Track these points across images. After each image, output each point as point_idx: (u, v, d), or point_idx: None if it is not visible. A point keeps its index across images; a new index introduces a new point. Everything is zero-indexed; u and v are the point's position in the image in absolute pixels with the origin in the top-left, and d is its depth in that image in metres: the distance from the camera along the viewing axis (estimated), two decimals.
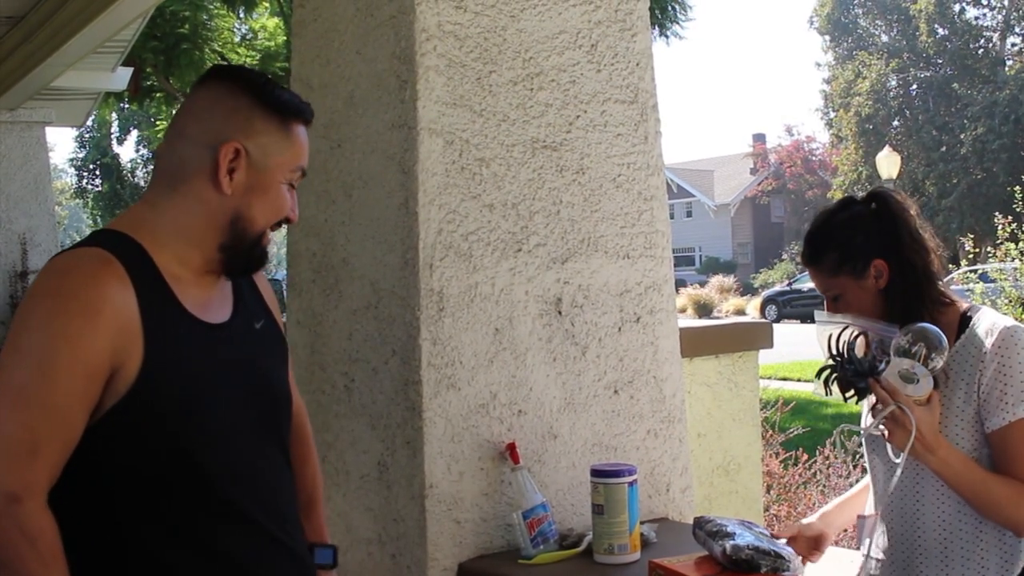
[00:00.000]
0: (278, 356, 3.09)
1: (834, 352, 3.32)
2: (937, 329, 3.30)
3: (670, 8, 20.27)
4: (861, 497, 3.94)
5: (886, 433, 3.29)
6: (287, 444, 3.07)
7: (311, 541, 3.21)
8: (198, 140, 2.78)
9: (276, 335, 3.11)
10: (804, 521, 3.85)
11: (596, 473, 3.80)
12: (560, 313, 4.21)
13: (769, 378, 19.50)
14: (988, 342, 3.32)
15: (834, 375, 3.33)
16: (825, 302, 3.59)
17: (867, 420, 3.57)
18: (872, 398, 3.34)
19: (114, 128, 46.43)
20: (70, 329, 2.52)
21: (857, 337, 3.37)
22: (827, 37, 71.20)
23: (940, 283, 3.56)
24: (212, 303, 2.86)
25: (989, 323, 3.38)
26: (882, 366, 3.26)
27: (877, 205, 3.56)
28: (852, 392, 3.31)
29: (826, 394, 3.45)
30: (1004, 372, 3.28)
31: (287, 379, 3.11)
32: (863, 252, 3.46)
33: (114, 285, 2.58)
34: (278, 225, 2.93)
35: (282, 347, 3.14)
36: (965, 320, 3.45)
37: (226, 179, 2.74)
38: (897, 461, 3.31)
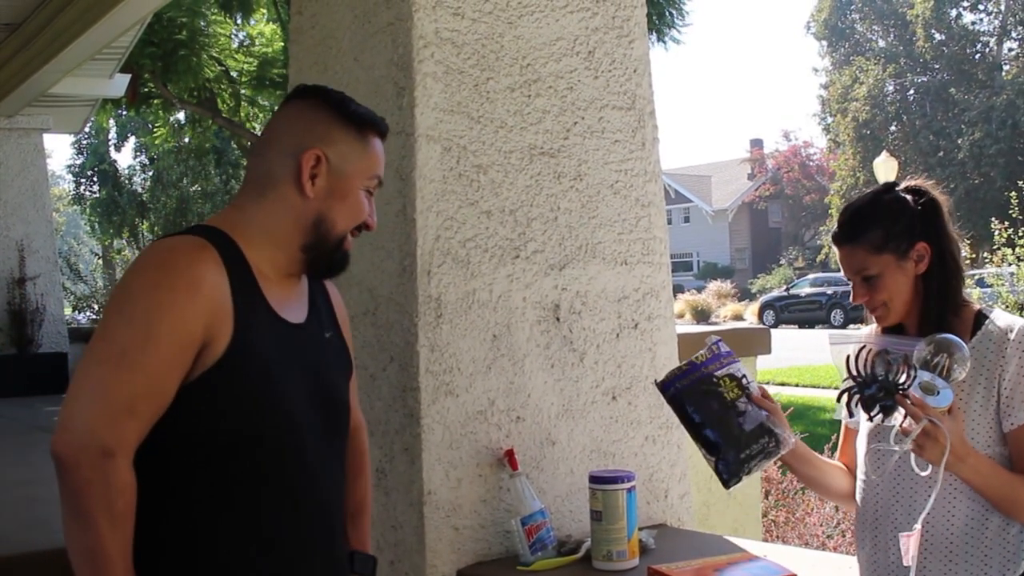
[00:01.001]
0: (341, 367, 3.20)
1: (854, 372, 3.28)
2: (959, 339, 3.28)
3: (667, 13, 20.25)
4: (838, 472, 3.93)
5: (915, 447, 3.27)
6: (343, 453, 3.17)
7: (354, 549, 3.28)
8: (283, 150, 2.97)
9: (343, 349, 3.23)
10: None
11: (594, 479, 3.81)
12: (558, 319, 4.22)
13: (767, 383, 19.50)
14: (1007, 340, 3.31)
15: (856, 396, 3.29)
16: (853, 285, 3.53)
17: (871, 432, 3.55)
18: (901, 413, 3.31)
19: (112, 135, 46.39)
20: (173, 299, 2.70)
21: (875, 355, 3.33)
22: (824, 42, 71.23)
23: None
24: (291, 305, 3.00)
25: (1006, 321, 3.36)
26: (907, 380, 3.23)
27: (919, 193, 3.54)
28: (877, 411, 3.27)
29: (850, 416, 3.42)
30: None
31: (347, 389, 3.20)
32: (909, 233, 3.40)
33: (213, 267, 2.77)
34: (357, 231, 3.07)
35: (346, 360, 3.25)
36: (980, 319, 3.44)
37: (309, 183, 2.93)
38: (924, 474, 3.28)
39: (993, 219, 18.37)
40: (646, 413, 4.46)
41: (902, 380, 3.20)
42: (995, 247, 18.01)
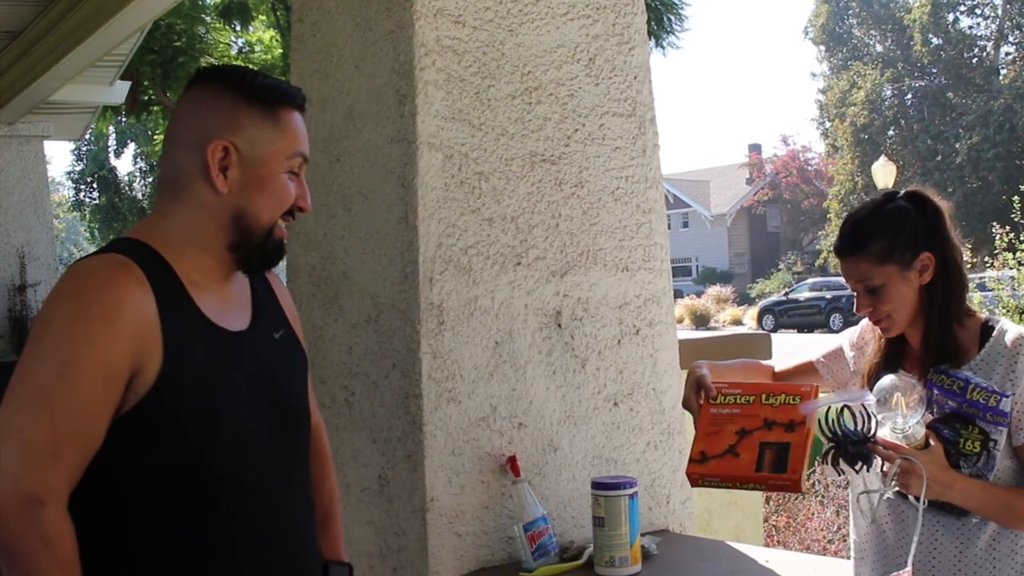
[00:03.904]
0: (296, 367, 3.04)
1: (828, 434, 3.30)
2: (909, 377, 3.30)
3: (665, 19, 20.27)
4: (750, 369, 3.97)
5: (897, 487, 3.28)
6: (305, 457, 3.02)
7: (326, 558, 3.17)
8: (188, 144, 2.74)
9: (295, 345, 3.06)
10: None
11: (596, 485, 3.81)
12: (560, 326, 4.22)
13: None
14: (1018, 355, 3.29)
15: (838, 455, 3.30)
16: (857, 296, 3.51)
17: (865, 479, 3.56)
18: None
19: (111, 141, 46.39)
20: (91, 332, 2.50)
21: (842, 411, 3.33)
22: (822, 47, 71.16)
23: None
24: (231, 311, 2.83)
25: (1015, 334, 3.34)
26: (874, 428, 3.25)
27: (921, 202, 3.52)
28: (860, 465, 3.28)
29: (839, 475, 3.43)
30: None
31: (305, 391, 3.06)
32: (912, 243, 3.40)
33: (134, 289, 2.56)
34: (290, 215, 2.86)
35: (300, 357, 3.08)
36: (986, 330, 3.43)
37: (220, 178, 2.70)
38: (920, 506, 3.28)
39: (994, 223, 18.37)
40: (648, 419, 4.46)
41: (869, 431, 3.23)
42: (995, 251, 18.00)
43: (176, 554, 2.64)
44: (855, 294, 3.50)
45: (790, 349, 4.30)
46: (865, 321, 3.67)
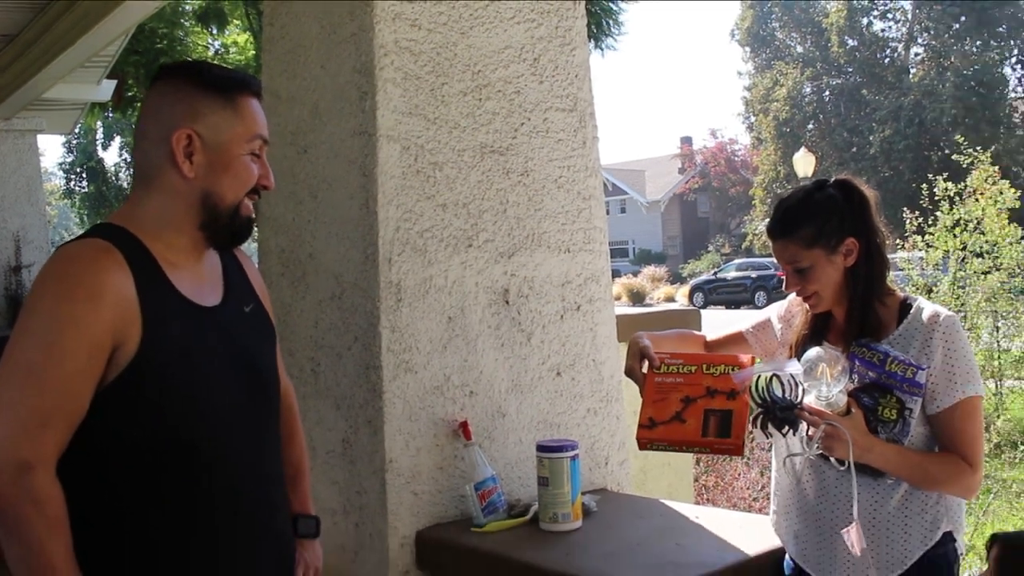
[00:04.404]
0: (266, 339, 3.03)
1: (758, 400, 3.31)
2: (833, 350, 3.35)
3: (604, 23, 20.24)
4: (685, 339, 3.98)
5: (821, 450, 3.29)
6: (275, 426, 3.01)
7: (296, 512, 3.17)
8: (155, 136, 2.75)
9: (264, 318, 3.06)
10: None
11: (541, 448, 3.81)
12: (507, 303, 4.21)
13: None
14: (934, 330, 3.32)
15: (767, 419, 3.31)
16: (786, 275, 3.51)
17: (788, 442, 3.57)
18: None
19: (99, 135, 46.08)
20: (75, 312, 2.51)
21: (772, 379, 3.34)
22: (747, 48, 71.19)
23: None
24: (205, 287, 2.83)
25: (930, 312, 3.37)
26: (800, 396, 3.26)
27: (848, 190, 3.53)
28: (787, 429, 3.30)
29: (767, 438, 3.43)
30: (951, 358, 3.28)
31: (274, 361, 3.04)
32: (838, 229, 3.41)
33: (114, 271, 2.58)
34: (255, 193, 2.86)
35: (269, 329, 3.07)
36: (905, 307, 3.45)
37: (186, 164, 2.72)
38: (842, 469, 3.30)
39: (905, 209, 18.48)
40: (588, 388, 4.46)
41: (796, 398, 3.24)
42: (905, 234, 18.12)
43: (156, 517, 2.64)
44: (785, 273, 3.52)
45: (718, 324, 4.31)
46: (793, 295, 3.69)
